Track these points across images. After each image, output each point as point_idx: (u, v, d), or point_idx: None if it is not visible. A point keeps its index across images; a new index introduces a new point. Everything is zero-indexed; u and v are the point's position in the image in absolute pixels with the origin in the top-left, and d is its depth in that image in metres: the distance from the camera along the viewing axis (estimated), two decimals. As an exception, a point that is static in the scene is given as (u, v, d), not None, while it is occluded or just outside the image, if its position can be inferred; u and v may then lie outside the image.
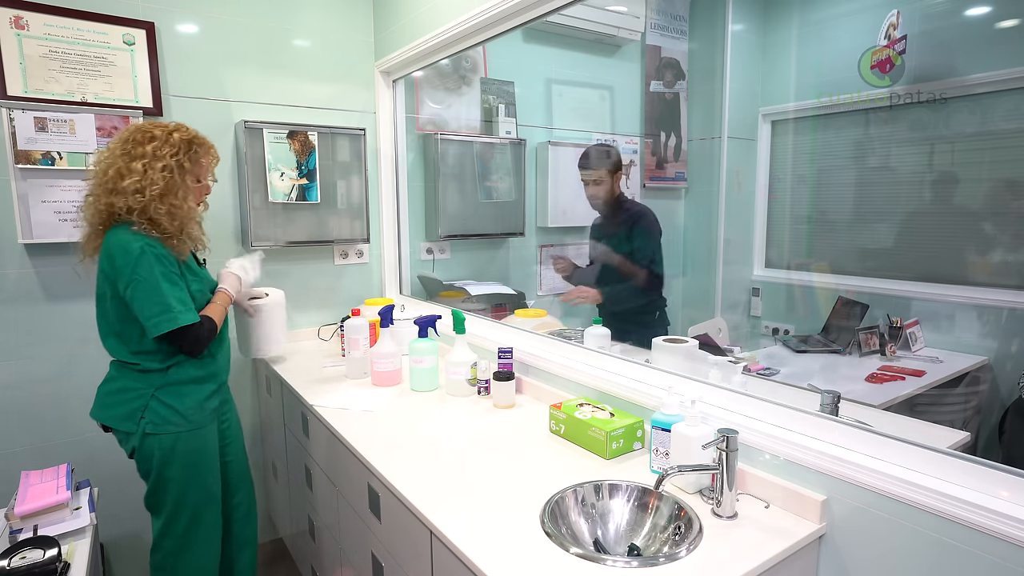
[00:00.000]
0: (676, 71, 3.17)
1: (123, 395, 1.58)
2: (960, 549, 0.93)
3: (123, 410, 1.58)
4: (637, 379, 1.53)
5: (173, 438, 1.58)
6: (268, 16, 2.35)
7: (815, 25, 2.74)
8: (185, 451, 1.60)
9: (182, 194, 1.56)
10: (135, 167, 1.50)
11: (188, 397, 1.61)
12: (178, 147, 1.55)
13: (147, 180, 1.50)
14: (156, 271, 1.49)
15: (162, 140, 1.55)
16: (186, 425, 1.60)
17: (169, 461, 1.59)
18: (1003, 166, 2.13)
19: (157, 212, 1.51)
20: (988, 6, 2.17)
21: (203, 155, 1.62)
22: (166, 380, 1.58)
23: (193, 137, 1.61)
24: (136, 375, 1.57)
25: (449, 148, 2.65)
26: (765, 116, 2.92)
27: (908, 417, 1.71)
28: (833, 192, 2.69)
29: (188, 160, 1.57)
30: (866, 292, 2.43)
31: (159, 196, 1.51)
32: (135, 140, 1.53)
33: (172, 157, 1.53)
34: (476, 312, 2.36)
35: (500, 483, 1.26)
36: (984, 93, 2.15)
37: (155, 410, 1.57)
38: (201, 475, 1.65)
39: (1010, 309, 2.10)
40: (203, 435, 1.65)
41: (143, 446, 1.58)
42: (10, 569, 1.41)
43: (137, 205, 1.49)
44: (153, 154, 1.52)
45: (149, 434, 1.57)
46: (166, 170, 1.52)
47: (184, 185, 1.57)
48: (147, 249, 1.49)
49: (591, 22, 2.80)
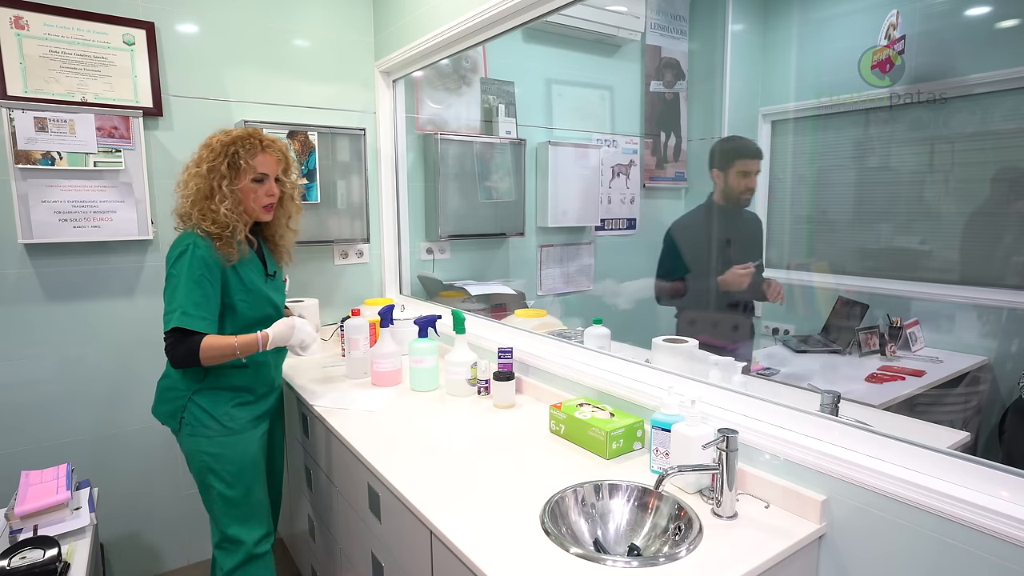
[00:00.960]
0: (676, 71, 3.17)
1: (169, 392, 1.59)
2: (960, 549, 0.93)
3: (168, 408, 1.59)
4: (637, 379, 1.53)
5: (209, 443, 1.56)
6: (268, 16, 2.35)
7: (815, 25, 2.74)
8: (224, 458, 1.57)
9: (219, 198, 1.51)
10: (183, 176, 1.57)
11: (221, 403, 1.58)
12: (217, 151, 1.53)
13: (187, 188, 1.54)
14: (186, 269, 1.47)
15: (207, 146, 1.55)
16: (221, 431, 1.56)
17: (209, 467, 1.57)
18: (1003, 166, 2.13)
19: (194, 217, 1.52)
20: (988, 6, 2.17)
21: (247, 156, 1.55)
22: (203, 384, 1.57)
23: (235, 138, 1.55)
24: (179, 374, 1.57)
25: (449, 148, 2.65)
26: (765, 116, 2.92)
27: (908, 417, 1.70)
28: (833, 192, 2.69)
29: (226, 164, 1.53)
30: (866, 292, 2.43)
31: (195, 202, 1.52)
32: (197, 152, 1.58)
33: (208, 162, 1.52)
34: (476, 312, 2.36)
35: (500, 483, 1.26)
36: (984, 93, 2.15)
37: (192, 412, 1.56)
38: (244, 483, 1.60)
39: (1010, 309, 2.10)
40: (241, 443, 1.60)
41: (185, 447, 1.59)
42: (10, 569, 1.41)
43: (182, 211, 1.55)
44: (196, 161, 1.55)
45: (189, 436, 1.56)
46: (198, 176, 1.52)
47: (221, 190, 1.52)
48: (191, 248, 1.49)
49: (591, 22, 2.80)
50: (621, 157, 3.11)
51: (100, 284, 2.12)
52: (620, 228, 3.15)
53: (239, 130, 1.58)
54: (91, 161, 2.01)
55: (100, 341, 2.14)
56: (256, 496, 1.63)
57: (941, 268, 2.29)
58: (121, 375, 2.18)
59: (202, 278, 1.48)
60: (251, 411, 1.63)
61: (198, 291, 1.47)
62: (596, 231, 3.07)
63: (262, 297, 1.62)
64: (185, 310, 1.45)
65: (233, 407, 1.59)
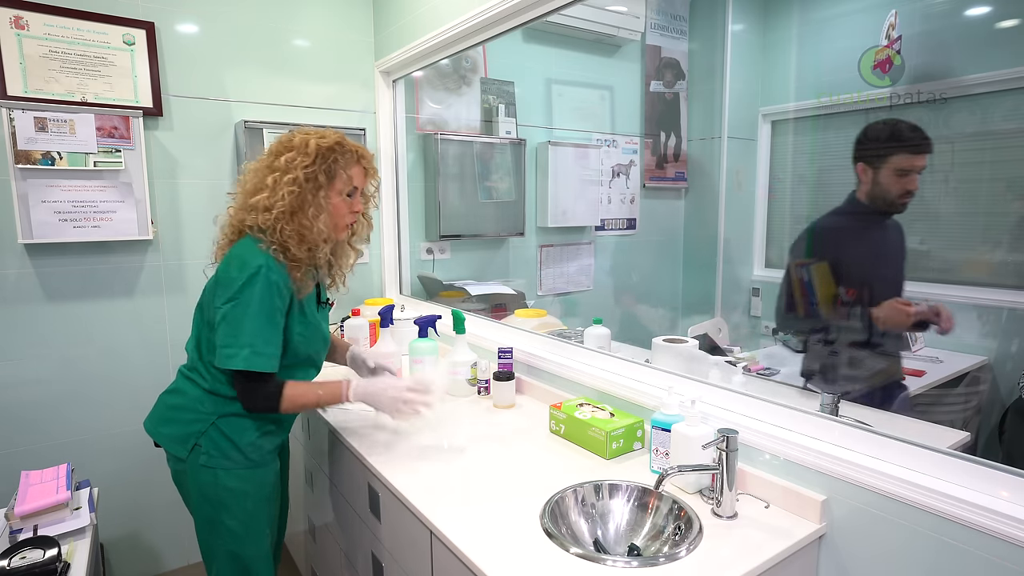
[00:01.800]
0: (676, 71, 3.17)
1: (182, 413, 1.37)
2: (960, 549, 0.93)
3: (178, 431, 1.36)
4: (637, 379, 1.53)
5: (228, 475, 1.35)
6: (268, 16, 2.35)
7: (815, 25, 2.74)
8: (242, 493, 1.37)
9: (313, 212, 1.32)
10: (267, 181, 1.32)
11: (248, 432, 1.37)
12: (314, 156, 1.31)
13: (275, 196, 1.30)
14: (258, 298, 1.26)
15: (299, 150, 1.32)
16: (244, 463, 1.37)
17: (223, 503, 1.36)
18: (1003, 166, 2.13)
19: (284, 233, 1.30)
20: (988, 6, 2.17)
21: (345, 165, 1.35)
22: (233, 409, 1.35)
23: (334, 144, 1.34)
24: (201, 394, 1.36)
25: (449, 148, 2.65)
26: (765, 116, 2.92)
27: (908, 417, 1.70)
28: (833, 192, 2.69)
29: (324, 172, 1.32)
30: (866, 292, 2.43)
31: (287, 215, 1.30)
32: (275, 151, 1.35)
33: (304, 169, 1.31)
34: (476, 312, 2.36)
35: (500, 483, 1.26)
36: (984, 93, 2.15)
37: (213, 440, 1.34)
38: (258, 524, 1.41)
39: (1010, 309, 2.10)
40: (263, 475, 1.41)
41: (196, 479, 1.36)
42: (10, 569, 1.41)
43: (266, 224, 1.31)
44: (286, 166, 1.31)
45: (203, 466, 1.34)
46: (295, 184, 1.30)
47: (316, 202, 1.32)
48: (264, 271, 1.27)
49: (591, 22, 2.80)
50: (621, 157, 3.11)
51: (100, 284, 2.12)
52: (620, 228, 3.15)
53: (331, 133, 1.38)
54: (91, 161, 2.01)
55: (100, 341, 2.14)
56: (267, 538, 1.46)
57: (941, 268, 2.29)
58: (121, 375, 2.18)
59: (274, 311, 1.29)
60: (272, 441, 1.44)
61: (269, 327, 1.28)
62: (596, 231, 3.07)
63: (317, 331, 1.45)
64: (256, 348, 1.26)
65: (258, 437, 1.39)
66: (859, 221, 1.65)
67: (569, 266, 3.03)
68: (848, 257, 1.67)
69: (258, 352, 1.27)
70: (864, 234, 1.66)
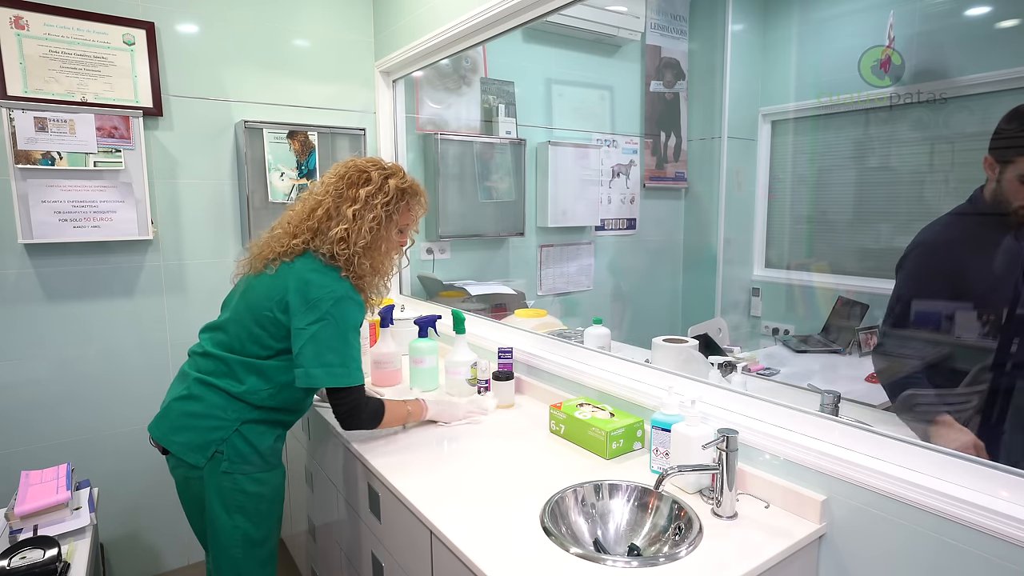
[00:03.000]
0: (676, 71, 3.17)
1: (201, 420, 1.35)
2: (960, 549, 0.93)
3: (196, 438, 1.35)
4: (637, 379, 1.53)
5: (248, 479, 1.37)
6: (268, 16, 2.35)
7: (815, 25, 2.74)
8: (259, 496, 1.39)
9: (386, 248, 1.42)
10: (345, 212, 1.35)
11: (266, 436, 1.40)
12: (392, 196, 1.38)
13: (355, 229, 1.35)
14: (351, 319, 1.34)
15: (377, 185, 1.38)
16: (263, 466, 1.39)
17: (242, 507, 1.37)
18: (1003, 166, 2.13)
19: (362, 267, 1.37)
20: (988, 6, 2.17)
21: (414, 206, 1.45)
22: (255, 416, 1.37)
23: (408, 186, 1.43)
24: (224, 400, 1.35)
25: (449, 148, 2.65)
26: (765, 116, 2.92)
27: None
28: (833, 192, 2.69)
29: (397, 211, 1.41)
30: (866, 292, 2.43)
31: (365, 249, 1.36)
32: (350, 180, 1.38)
33: (384, 207, 1.37)
34: (476, 312, 2.36)
35: (500, 483, 1.26)
36: (984, 93, 2.15)
37: (235, 446, 1.35)
38: (272, 525, 1.45)
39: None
40: (277, 477, 1.45)
41: (215, 485, 1.36)
42: (10, 569, 1.41)
43: (341, 254, 1.35)
44: (366, 200, 1.36)
45: (223, 472, 1.35)
46: (375, 220, 1.36)
47: (388, 238, 1.41)
48: (350, 295, 1.35)
49: (591, 22, 2.80)
50: (621, 157, 3.11)
51: (100, 284, 2.12)
52: (620, 228, 3.15)
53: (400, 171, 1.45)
54: (91, 161, 2.01)
55: (100, 341, 2.14)
56: (275, 539, 1.49)
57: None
58: (121, 375, 2.18)
59: (358, 331, 1.38)
60: (282, 442, 1.49)
61: (358, 347, 1.37)
62: (596, 231, 3.07)
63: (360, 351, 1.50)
64: (359, 366, 1.36)
65: (274, 440, 1.43)
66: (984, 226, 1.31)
67: (569, 266, 3.03)
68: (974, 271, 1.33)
69: (359, 369, 1.36)
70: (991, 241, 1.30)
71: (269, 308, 1.34)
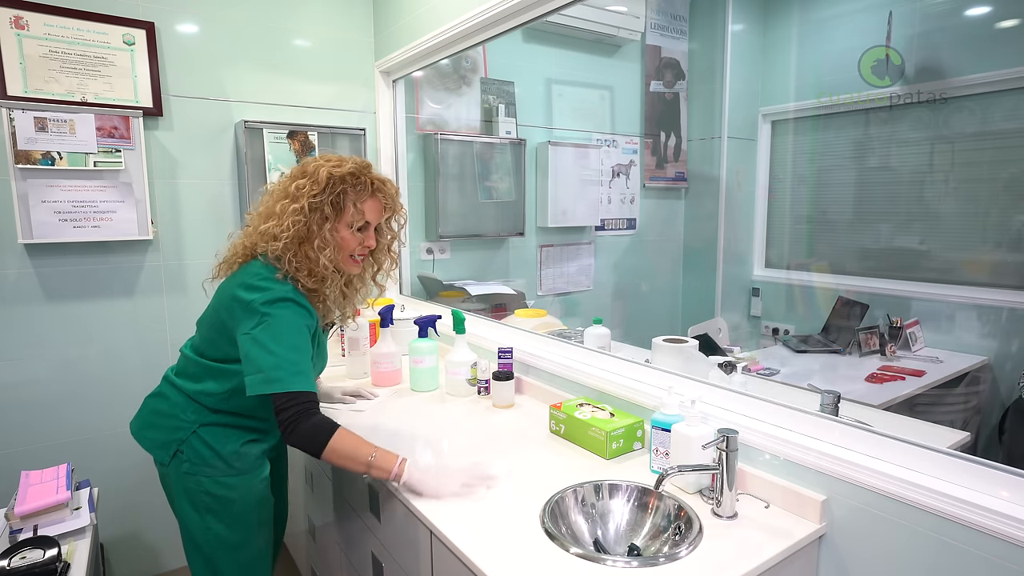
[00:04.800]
0: (676, 71, 3.17)
1: (164, 419, 1.35)
2: (960, 549, 0.93)
3: (161, 436, 1.35)
4: (637, 379, 1.53)
5: (212, 482, 1.33)
6: (268, 16, 2.35)
7: (815, 25, 2.74)
8: (227, 500, 1.34)
9: (319, 245, 1.26)
10: (276, 208, 1.27)
11: (230, 441, 1.34)
12: (323, 186, 1.26)
13: (282, 225, 1.25)
14: (291, 318, 1.22)
15: (310, 176, 1.27)
16: (227, 470, 1.34)
17: (209, 508, 1.33)
18: (1003, 166, 2.13)
19: (291, 264, 1.26)
20: (988, 6, 2.17)
21: (356, 198, 1.29)
22: (214, 419, 1.34)
23: (347, 174, 1.28)
24: (185, 400, 1.34)
25: (449, 148, 2.65)
26: (765, 116, 2.92)
27: (908, 417, 1.71)
28: (833, 192, 2.69)
29: (330, 204, 1.27)
30: (866, 292, 2.44)
31: (293, 245, 1.25)
32: (293, 175, 1.30)
33: (310, 198, 1.25)
34: (476, 312, 2.36)
35: (500, 483, 1.26)
36: (984, 93, 2.15)
37: (194, 447, 1.32)
38: (249, 528, 1.38)
39: (1010, 309, 2.10)
40: (248, 482, 1.36)
41: (178, 484, 1.34)
42: (10, 569, 1.41)
43: (272, 253, 1.26)
44: (295, 193, 1.26)
45: (185, 473, 1.32)
46: (300, 213, 1.25)
47: (322, 234, 1.27)
48: (292, 295, 1.24)
49: (591, 22, 2.80)
50: (621, 157, 3.11)
51: (100, 284, 2.12)
52: (620, 228, 3.15)
53: (351, 160, 1.31)
54: (91, 161, 2.01)
55: (100, 341, 2.14)
56: (258, 543, 1.42)
57: (941, 268, 2.29)
58: (121, 375, 2.18)
59: (304, 333, 1.24)
60: (258, 447, 1.40)
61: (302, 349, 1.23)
62: (596, 231, 3.08)
63: (325, 355, 1.42)
64: (302, 369, 1.20)
65: (242, 446, 1.36)
66: None
67: (569, 266, 3.03)
68: None
69: (303, 373, 1.20)
70: None
71: (219, 314, 1.30)
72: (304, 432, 1.19)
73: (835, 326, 2.39)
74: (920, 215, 2.37)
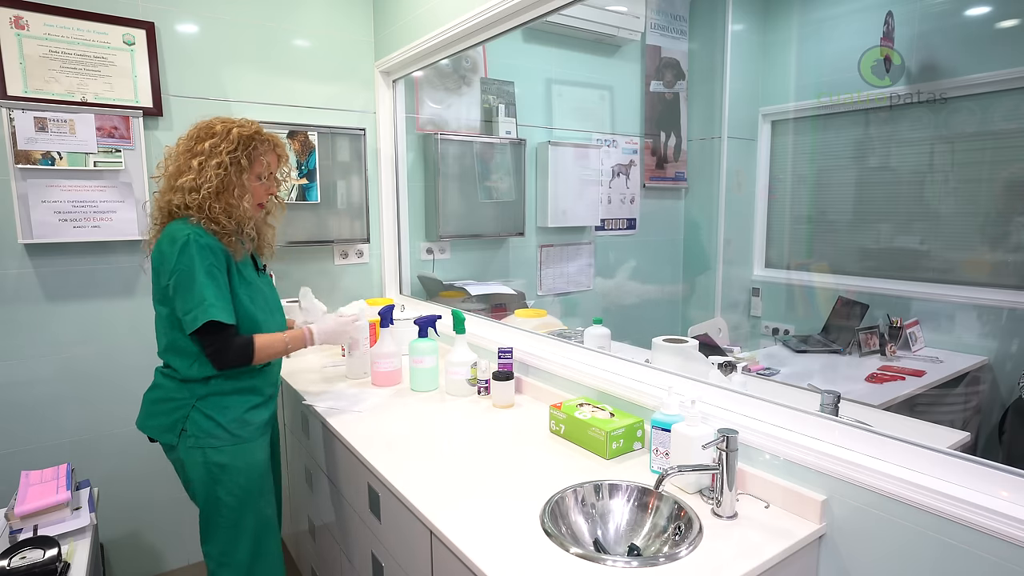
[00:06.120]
0: (676, 71, 3.17)
1: (165, 405, 1.47)
2: (960, 549, 0.93)
3: (165, 421, 1.47)
4: (637, 379, 1.53)
5: (217, 452, 1.44)
6: (268, 16, 2.35)
7: (815, 25, 2.74)
8: (234, 468, 1.46)
9: (239, 192, 1.47)
10: (192, 164, 1.43)
11: (230, 409, 1.47)
12: (236, 143, 1.46)
13: (202, 178, 1.42)
14: (196, 261, 1.38)
15: (221, 136, 1.46)
16: (230, 439, 1.46)
17: (217, 479, 1.45)
18: (1003, 166, 2.13)
19: (213, 210, 1.43)
20: (988, 6, 2.17)
21: (264, 152, 1.51)
22: (208, 390, 1.46)
23: (254, 133, 1.50)
24: (177, 384, 1.46)
25: (449, 148, 2.65)
26: (765, 116, 2.92)
27: (908, 417, 1.71)
28: (833, 192, 2.69)
29: (245, 157, 1.47)
30: (866, 292, 2.43)
31: (214, 194, 1.43)
32: (197, 137, 1.47)
33: (228, 154, 1.44)
34: (476, 312, 2.36)
35: (500, 483, 1.26)
36: (984, 93, 2.15)
37: (196, 422, 1.44)
38: (254, 497, 1.50)
39: (1010, 309, 2.10)
40: (251, 451, 1.50)
41: (188, 459, 1.46)
42: (10, 569, 1.41)
43: (193, 203, 1.42)
44: (210, 151, 1.44)
45: (192, 447, 1.44)
46: (221, 167, 1.43)
47: (240, 183, 1.47)
48: (194, 238, 1.39)
49: (591, 22, 2.80)
50: (621, 157, 3.11)
51: (100, 284, 2.12)
52: (620, 228, 3.15)
53: (249, 123, 1.52)
54: (91, 161, 2.01)
55: (100, 341, 2.14)
56: (267, 511, 1.55)
57: (941, 268, 2.29)
58: (121, 375, 2.18)
59: (213, 268, 1.40)
60: (260, 415, 1.54)
61: (213, 283, 1.39)
62: (596, 231, 3.08)
63: (260, 292, 1.57)
64: (212, 303, 1.37)
65: (244, 413, 1.49)
66: None
67: (569, 266, 3.03)
68: None
69: (215, 306, 1.37)
70: None
71: (157, 282, 1.45)
72: (230, 360, 1.43)
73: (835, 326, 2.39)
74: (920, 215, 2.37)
